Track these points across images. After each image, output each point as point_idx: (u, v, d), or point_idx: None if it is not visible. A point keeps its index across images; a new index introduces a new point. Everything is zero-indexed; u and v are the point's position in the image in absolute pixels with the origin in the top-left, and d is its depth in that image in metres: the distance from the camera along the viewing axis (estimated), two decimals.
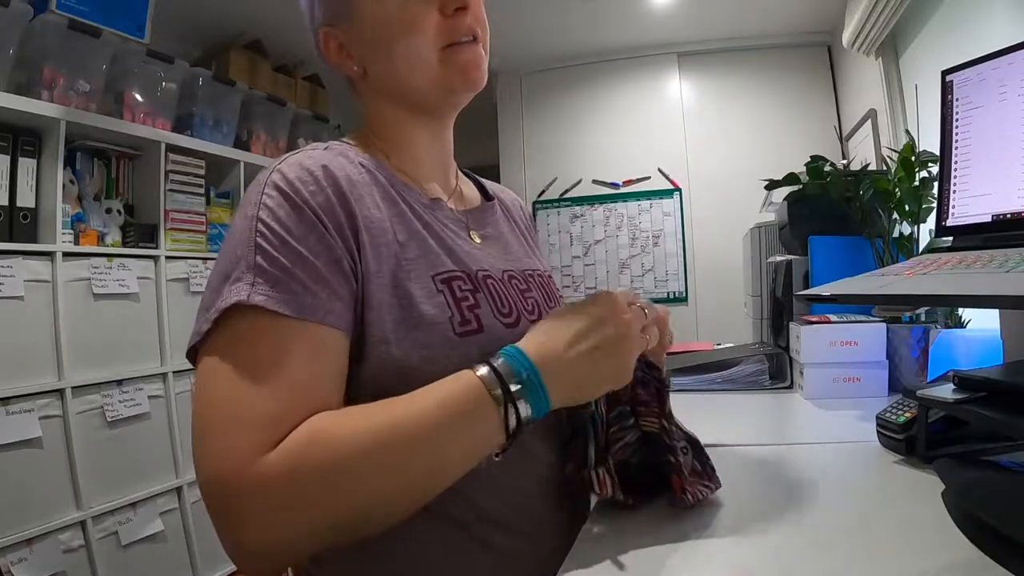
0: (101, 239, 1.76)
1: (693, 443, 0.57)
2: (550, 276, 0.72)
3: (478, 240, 0.64)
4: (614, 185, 3.14)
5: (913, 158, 1.10)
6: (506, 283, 0.61)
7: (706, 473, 0.56)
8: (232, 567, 1.91)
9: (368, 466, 0.43)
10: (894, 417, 0.67)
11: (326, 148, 0.58)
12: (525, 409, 0.46)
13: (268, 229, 0.48)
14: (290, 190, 0.50)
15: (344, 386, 0.50)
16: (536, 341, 0.49)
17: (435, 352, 0.51)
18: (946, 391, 0.59)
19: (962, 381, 0.59)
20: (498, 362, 0.47)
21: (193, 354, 0.49)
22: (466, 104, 0.65)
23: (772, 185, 1.34)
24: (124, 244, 1.81)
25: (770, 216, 1.96)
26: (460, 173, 0.72)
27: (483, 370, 0.46)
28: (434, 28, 0.58)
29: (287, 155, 0.55)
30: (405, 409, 0.45)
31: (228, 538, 0.42)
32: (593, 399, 0.54)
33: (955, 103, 0.75)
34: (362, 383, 0.51)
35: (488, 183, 0.77)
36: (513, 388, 0.46)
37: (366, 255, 0.51)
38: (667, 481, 0.54)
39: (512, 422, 0.46)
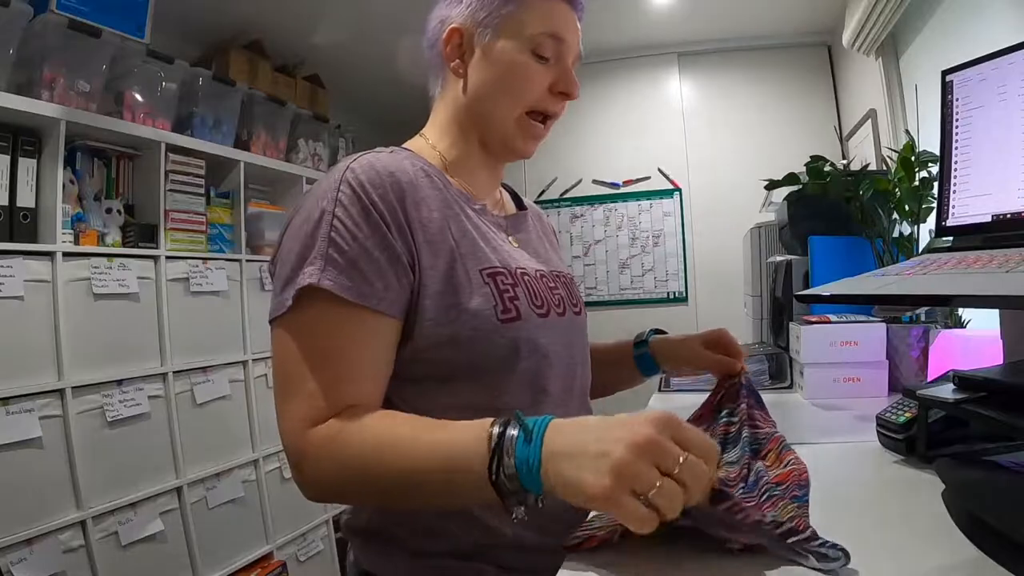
0: (101, 239, 1.76)
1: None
2: (572, 277, 0.82)
3: (515, 243, 0.74)
4: (614, 185, 3.14)
5: (913, 158, 1.10)
6: (538, 280, 0.70)
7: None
8: (232, 567, 1.93)
9: (364, 477, 0.54)
10: (894, 417, 0.67)
11: (391, 152, 0.66)
12: (516, 485, 0.46)
13: (342, 224, 0.58)
14: (361, 191, 0.59)
15: (389, 365, 0.60)
16: (557, 435, 0.46)
17: (481, 332, 0.61)
18: (946, 391, 0.59)
19: (962, 381, 0.59)
20: (507, 441, 0.46)
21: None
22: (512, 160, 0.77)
23: (772, 185, 1.34)
24: (124, 244, 1.80)
25: (770, 216, 1.96)
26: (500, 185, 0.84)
27: (486, 452, 0.47)
28: (536, 92, 0.69)
29: (358, 155, 0.63)
30: (412, 444, 0.52)
31: (293, 475, 0.57)
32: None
33: (955, 103, 0.75)
34: (418, 351, 0.60)
35: (520, 196, 0.88)
36: (507, 471, 0.46)
37: (423, 252, 0.61)
38: None
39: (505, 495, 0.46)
